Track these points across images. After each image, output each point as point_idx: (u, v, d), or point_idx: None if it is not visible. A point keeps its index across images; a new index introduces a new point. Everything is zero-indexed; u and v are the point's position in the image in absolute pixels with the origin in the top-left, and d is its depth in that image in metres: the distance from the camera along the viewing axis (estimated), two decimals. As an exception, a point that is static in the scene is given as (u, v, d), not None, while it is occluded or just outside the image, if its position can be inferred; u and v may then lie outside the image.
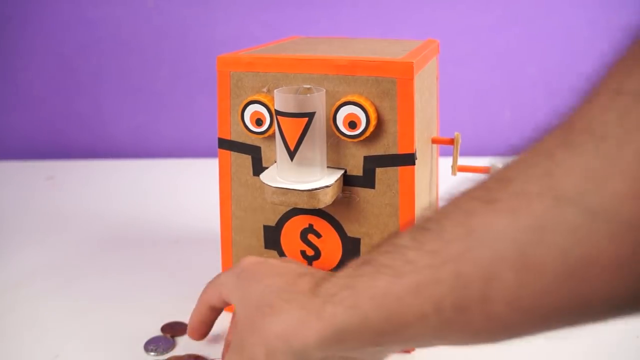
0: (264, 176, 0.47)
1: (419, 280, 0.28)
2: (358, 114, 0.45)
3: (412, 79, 0.44)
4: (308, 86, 0.46)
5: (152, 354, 0.49)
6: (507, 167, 0.27)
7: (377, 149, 0.46)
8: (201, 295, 0.45)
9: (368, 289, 0.30)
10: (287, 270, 0.38)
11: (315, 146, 0.45)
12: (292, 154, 0.44)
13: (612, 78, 0.24)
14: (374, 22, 1.02)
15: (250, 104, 0.47)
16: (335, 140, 0.47)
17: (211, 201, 0.60)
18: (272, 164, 0.49)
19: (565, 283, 0.24)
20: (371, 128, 0.45)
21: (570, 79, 0.99)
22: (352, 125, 0.45)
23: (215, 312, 0.45)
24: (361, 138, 0.45)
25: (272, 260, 0.41)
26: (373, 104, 0.45)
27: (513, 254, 0.25)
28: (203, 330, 0.46)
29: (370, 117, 0.44)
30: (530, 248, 0.24)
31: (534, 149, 0.26)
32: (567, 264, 0.23)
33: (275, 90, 0.44)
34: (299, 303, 0.34)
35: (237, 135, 0.50)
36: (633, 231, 0.22)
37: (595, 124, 0.23)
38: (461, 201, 0.28)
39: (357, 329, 0.30)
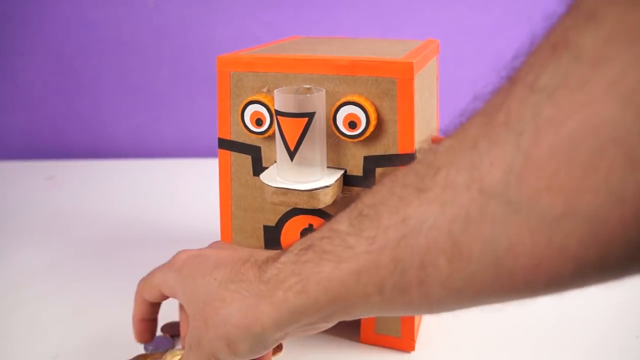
0: (264, 176, 0.47)
1: (360, 266, 0.30)
2: (358, 114, 0.45)
3: (412, 79, 0.44)
4: (308, 86, 0.46)
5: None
6: (436, 153, 0.28)
7: (377, 149, 0.46)
8: (136, 296, 0.44)
9: (314, 275, 0.32)
10: (227, 259, 0.39)
11: (315, 146, 0.45)
12: (292, 154, 0.44)
13: (528, 70, 0.25)
14: (374, 22, 1.02)
15: (250, 104, 0.47)
16: (335, 140, 0.47)
17: (211, 201, 0.60)
18: (272, 164, 0.49)
19: (490, 270, 0.25)
20: (371, 128, 0.45)
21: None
22: (352, 125, 0.45)
23: (156, 307, 0.45)
24: (361, 138, 0.45)
25: (208, 252, 0.41)
26: (373, 104, 0.45)
27: (445, 242, 0.26)
28: (149, 327, 0.45)
29: (370, 117, 0.44)
30: (460, 237, 0.26)
31: (459, 137, 0.27)
32: (492, 253, 0.25)
33: (275, 90, 0.44)
34: (249, 291, 0.35)
35: (237, 135, 0.50)
36: (547, 224, 0.23)
37: (513, 119, 0.24)
38: (395, 187, 0.29)
39: (308, 311, 0.32)
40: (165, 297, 0.43)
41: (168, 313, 0.55)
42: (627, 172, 0.21)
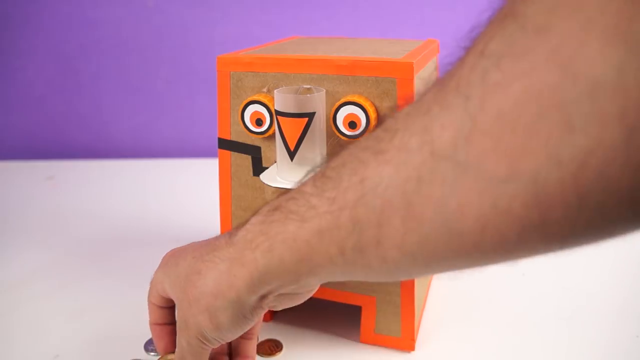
0: (264, 176, 0.47)
1: (322, 226, 0.30)
2: (358, 114, 0.45)
3: (412, 79, 0.44)
4: (308, 86, 0.46)
5: (152, 354, 0.49)
6: (395, 119, 0.29)
7: (377, 149, 0.46)
8: (148, 301, 0.44)
9: (279, 234, 0.33)
10: (205, 241, 0.40)
11: (315, 146, 0.45)
12: (292, 154, 0.44)
13: (480, 39, 0.25)
14: (374, 22, 1.02)
15: (250, 104, 0.47)
16: (335, 140, 0.47)
17: (211, 201, 0.60)
18: (272, 164, 0.49)
19: (442, 232, 0.26)
20: (371, 128, 0.45)
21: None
22: (352, 125, 0.45)
23: (166, 311, 0.44)
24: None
25: (190, 244, 0.42)
26: (373, 104, 0.45)
27: (399, 203, 0.27)
28: (166, 331, 0.45)
29: (370, 117, 0.44)
30: (413, 197, 0.27)
31: (417, 103, 0.28)
32: (442, 214, 0.26)
33: (275, 90, 0.44)
34: (220, 257, 0.36)
35: (237, 135, 0.50)
36: (493, 186, 0.24)
37: (462, 84, 0.25)
38: (356, 150, 0.30)
39: (276, 271, 0.33)
40: (167, 301, 0.43)
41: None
42: (565, 136, 0.22)
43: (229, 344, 0.45)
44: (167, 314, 0.44)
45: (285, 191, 0.34)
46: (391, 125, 0.29)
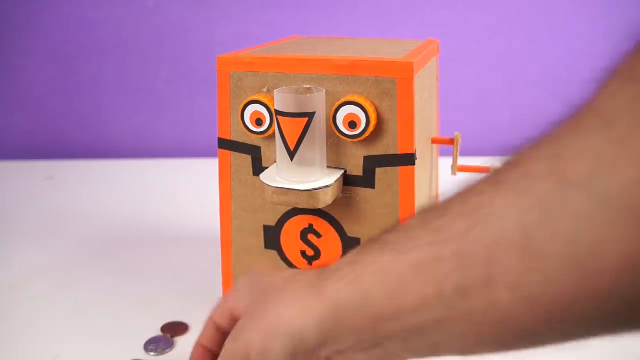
0: (264, 176, 0.47)
1: (421, 258, 0.27)
2: (358, 114, 0.45)
3: (412, 79, 0.44)
4: (308, 86, 0.46)
5: (152, 354, 0.49)
6: (519, 153, 0.26)
7: (377, 149, 0.46)
8: (207, 318, 0.40)
9: (370, 264, 0.29)
10: (299, 269, 0.38)
11: (315, 146, 0.45)
12: (292, 154, 0.45)
13: (625, 65, 0.23)
14: (374, 22, 1.02)
15: (250, 104, 0.47)
16: (335, 140, 0.47)
17: (211, 201, 0.60)
18: (272, 164, 0.49)
19: (571, 272, 0.22)
20: (371, 128, 0.45)
21: (569, 78, 0.99)
22: (352, 125, 0.45)
23: (222, 338, 0.39)
24: (361, 138, 0.45)
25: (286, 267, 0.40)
26: (373, 104, 0.45)
27: (517, 236, 0.24)
28: (206, 358, 0.40)
29: (370, 117, 0.44)
30: (535, 231, 0.23)
31: (545, 136, 0.25)
32: (574, 252, 0.22)
33: (275, 90, 0.44)
34: (303, 283, 0.33)
35: (237, 135, 0.50)
36: None
37: (604, 109, 0.23)
38: (472, 182, 0.27)
39: (357, 307, 0.29)
40: (232, 322, 0.38)
41: (168, 313, 0.55)
42: None
43: None
44: (219, 340, 0.39)
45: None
46: (515, 158, 0.26)
